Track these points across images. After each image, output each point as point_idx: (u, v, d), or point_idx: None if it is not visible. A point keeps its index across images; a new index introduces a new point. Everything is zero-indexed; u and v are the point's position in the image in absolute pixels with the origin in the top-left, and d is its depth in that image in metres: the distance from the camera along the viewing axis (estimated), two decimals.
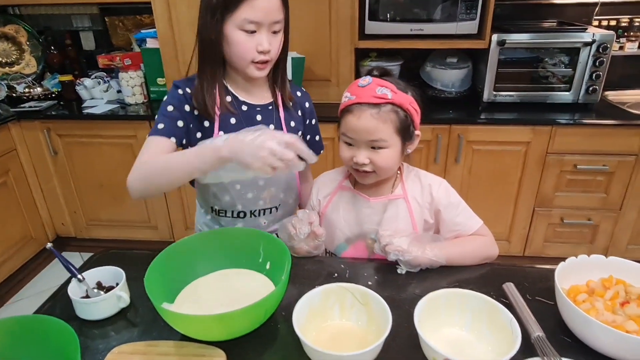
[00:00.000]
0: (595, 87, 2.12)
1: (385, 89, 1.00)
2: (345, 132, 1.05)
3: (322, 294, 0.85)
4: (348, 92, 1.06)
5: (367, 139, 1.02)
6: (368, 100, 1.00)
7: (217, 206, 1.18)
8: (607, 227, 2.25)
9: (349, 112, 1.03)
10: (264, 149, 0.82)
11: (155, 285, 0.83)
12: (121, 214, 2.57)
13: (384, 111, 1.01)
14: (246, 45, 0.98)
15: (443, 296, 0.83)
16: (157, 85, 2.45)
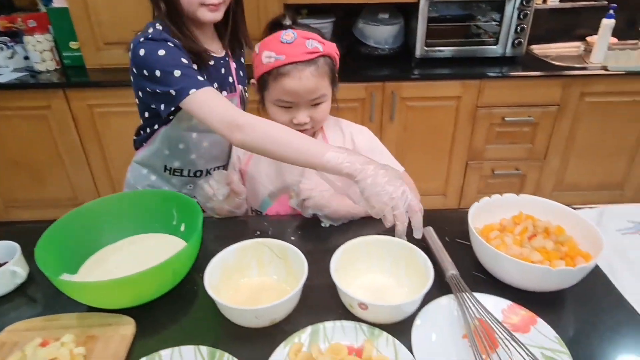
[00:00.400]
0: (521, 40, 2.17)
1: (314, 42, 0.95)
2: (280, 97, 0.98)
3: (237, 251, 0.81)
4: (270, 51, 0.95)
5: (309, 99, 0.98)
6: (302, 58, 0.93)
7: (175, 165, 1.12)
8: (533, 175, 2.37)
9: (283, 75, 0.95)
10: (394, 202, 0.77)
11: (51, 256, 0.75)
12: (43, 192, 2.38)
13: (320, 65, 0.96)
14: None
15: (361, 244, 0.82)
16: (71, 50, 2.24)
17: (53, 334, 0.71)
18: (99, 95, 2.12)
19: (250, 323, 0.71)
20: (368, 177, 0.78)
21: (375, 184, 0.77)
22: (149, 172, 1.16)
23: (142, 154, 1.14)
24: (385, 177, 0.78)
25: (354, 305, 0.71)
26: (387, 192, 0.76)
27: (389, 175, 0.78)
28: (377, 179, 0.77)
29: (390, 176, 0.78)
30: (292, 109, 1.00)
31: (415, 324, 0.70)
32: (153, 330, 0.74)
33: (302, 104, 0.99)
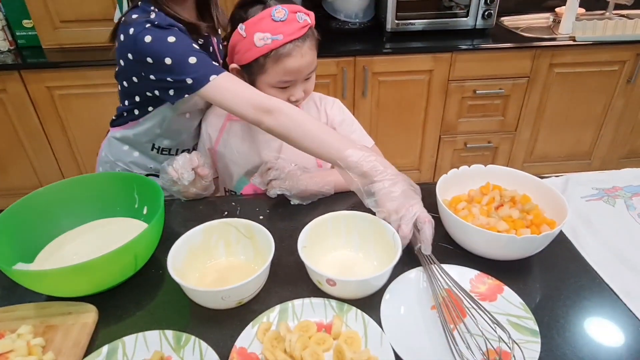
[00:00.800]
0: (490, 12, 2.16)
1: (302, 14, 0.92)
2: (281, 78, 0.94)
3: (202, 232, 0.78)
4: (263, 32, 0.90)
5: (307, 73, 0.97)
6: (299, 34, 0.91)
7: (164, 143, 1.10)
8: (505, 148, 2.40)
9: (284, 55, 0.91)
10: (402, 217, 0.76)
11: (3, 246, 0.71)
12: (6, 181, 2.28)
13: (312, 37, 0.95)
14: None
15: (329, 220, 0.81)
16: (25, 29, 2.12)
17: (9, 326, 0.68)
18: (58, 77, 2.02)
19: (217, 305, 0.70)
20: (386, 180, 0.79)
21: (391, 190, 0.78)
22: (131, 149, 1.11)
23: (125, 131, 1.08)
24: (404, 187, 0.79)
25: (322, 282, 0.70)
26: (400, 202, 0.77)
27: (406, 186, 0.79)
28: (394, 187, 0.78)
29: (408, 188, 0.79)
30: (289, 88, 0.97)
31: (385, 298, 0.70)
32: (117, 317, 0.72)
33: (299, 80, 0.97)
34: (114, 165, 1.13)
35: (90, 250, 0.80)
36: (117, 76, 1.02)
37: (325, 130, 0.87)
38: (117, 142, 1.11)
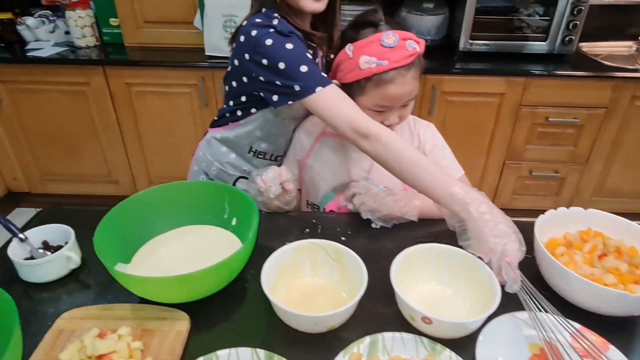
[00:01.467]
0: (572, 37, 2.07)
1: (412, 42, 0.92)
2: (379, 103, 0.95)
3: (292, 251, 0.79)
4: (371, 56, 0.91)
5: (405, 100, 0.96)
6: (404, 63, 0.91)
7: (262, 147, 1.12)
8: (573, 179, 2.29)
9: (387, 81, 0.92)
10: (503, 250, 0.73)
11: (107, 244, 0.75)
12: (78, 167, 2.41)
13: (417, 66, 0.94)
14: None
15: (419, 251, 0.80)
16: (110, 27, 2.23)
17: (109, 325, 0.70)
18: (137, 74, 2.11)
19: (308, 329, 0.70)
20: (487, 220, 0.76)
21: (491, 229, 0.75)
22: (229, 150, 1.14)
23: (226, 132, 1.12)
24: (505, 226, 0.75)
25: (416, 318, 0.68)
26: (499, 241, 0.74)
27: (508, 225, 0.76)
28: (495, 227, 0.75)
29: (509, 228, 0.75)
30: (385, 112, 0.98)
31: (479, 340, 0.68)
32: (207, 328, 0.73)
33: (397, 107, 0.97)
34: (210, 165, 1.16)
35: (183, 257, 0.83)
36: (226, 77, 1.06)
37: (422, 165, 0.84)
38: (216, 142, 1.14)
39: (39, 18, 2.31)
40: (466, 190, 0.79)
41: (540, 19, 2.07)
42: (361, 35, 0.95)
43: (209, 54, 2.08)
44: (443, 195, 0.80)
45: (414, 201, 0.96)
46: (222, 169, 1.16)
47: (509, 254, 0.72)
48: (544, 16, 2.06)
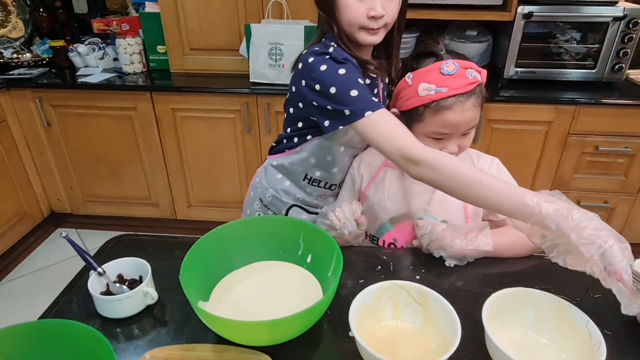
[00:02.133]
0: (622, 65, 2.03)
1: (473, 71, 0.91)
2: (438, 130, 0.94)
3: (375, 292, 0.76)
4: (430, 83, 0.91)
5: (465, 129, 0.94)
6: (464, 90, 0.90)
7: (316, 175, 1.12)
8: (623, 210, 2.21)
9: (445, 108, 0.91)
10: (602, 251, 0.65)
11: (190, 281, 0.73)
12: (120, 190, 2.45)
13: (477, 94, 0.93)
14: (356, 10, 0.90)
15: (506, 296, 0.76)
16: (157, 54, 2.29)
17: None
18: (182, 100, 2.15)
19: None
20: (569, 230, 0.68)
21: (572, 243, 0.67)
22: (284, 177, 1.15)
23: (282, 159, 1.12)
24: (588, 230, 0.67)
25: None
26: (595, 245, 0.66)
27: (591, 230, 0.67)
28: (583, 230, 0.66)
29: (593, 233, 0.66)
30: (443, 140, 0.96)
31: None
32: None
33: (456, 135, 0.95)
34: (265, 191, 1.17)
35: (261, 295, 0.81)
36: (286, 104, 1.08)
37: (484, 182, 0.76)
38: (272, 169, 1.15)
39: (89, 45, 2.40)
40: (540, 197, 0.72)
41: (588, 46, 2.04)
42: (422, 65, 0.95)
43: (253, 80, 2.11)
44: (515, 209, 0.73)
45: (484, 239, 0.93)
46: (277, 195, 1.16)
47: (613, 262, 0.64)
48: (592, 43, 2.02)
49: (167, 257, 0.95)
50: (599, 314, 0.77)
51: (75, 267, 0.94)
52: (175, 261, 0.93)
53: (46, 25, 2.51)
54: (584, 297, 0.86)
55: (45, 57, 2.40)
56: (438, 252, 0.94)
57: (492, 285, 0.88)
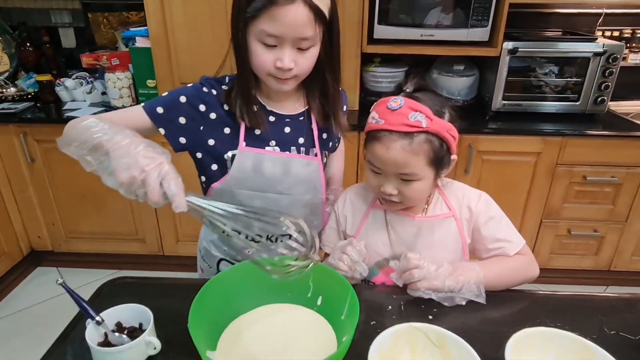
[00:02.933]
0: (604, 98, 2.11)
1: (419, 115, 0.86)
2: (371, 160, 0.94)
3: (392, 336, 0.73)
4: (376, 112, 0.92)
5: (396, 172, 0.91)
6: (398, 129, 0.87)
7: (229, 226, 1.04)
8: (612, 238, 2.24)
9: (376, 139, 0.90)
10: (141, 172, 0.65)
11: (198, 329, 0.69)
12: (105, 225, 2.37)
13: (417, 142, 0.87)
14: (263, 58, 0.86)
15: (528, 336, 0.74)
16: (147, 88, 2.27)
17: None
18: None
19: None
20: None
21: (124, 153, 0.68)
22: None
23: None
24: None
25: None
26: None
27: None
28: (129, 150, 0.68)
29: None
30: (381, 176, 0.94)
31: None
32: None
33: (389, 174, 0.93)
34: (201, 242, 1.14)
35: (271, 342, 0.77)
36: None
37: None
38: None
39: (76, 80, 2.37)
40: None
41: (572, 79, 2.11)
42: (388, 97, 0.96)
43: None
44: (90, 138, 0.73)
45: (472, 267, 0.92)
46: (207, 247, 1.12)
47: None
48: (575, 77, 2.09)
49: (168, 301, 0.90)
50: (617, 351, 0.75)
51: (57, 308, 0.89)
52: (177, 305, 0.89)
53: (32, 59, 2.48)
54: (600, 334, 0.84)
55: (30, 92, 2.36)
56: (419, 293, 0.89)
57: (505, 324, 0.85)
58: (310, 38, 0.84)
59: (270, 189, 0.99)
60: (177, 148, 0.95)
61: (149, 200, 0.67)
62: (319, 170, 1.04)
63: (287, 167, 0.99)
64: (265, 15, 0.81)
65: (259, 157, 0.97)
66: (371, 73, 2.29)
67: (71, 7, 2.41)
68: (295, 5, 0.79)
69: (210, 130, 0.95)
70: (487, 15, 2.01)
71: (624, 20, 2.36)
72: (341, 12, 2.15)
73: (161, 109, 0.91)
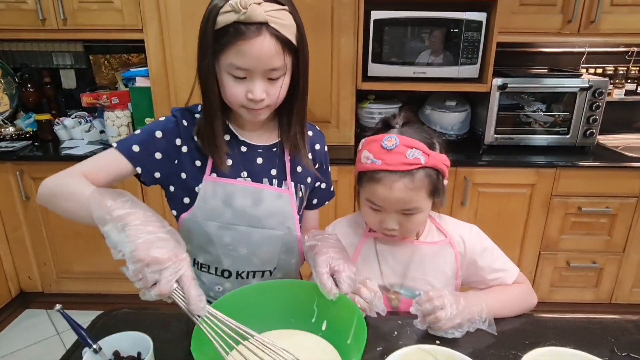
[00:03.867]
0: (593, 131, 2.16)
1: (416, 152, 0.88)
2: (371, 199, 0.94)
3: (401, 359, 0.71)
4: (370, 152, 0.92)
5: (400, 208, 0.92)
6: (398, 168, 0.88)
7: (200, 259, 1.01)
8: (611, 269, 2.23)
9: (375, 180, 0.91)
10: (168, 259, 0.64)
11: (200, 354, 0.67)
12: (98, 265, 2.32)
13: (418, 178, 0.89)
14: (234, 90, 0.85)
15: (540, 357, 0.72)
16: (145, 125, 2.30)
17: None
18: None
19: None
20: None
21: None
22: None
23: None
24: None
25: None
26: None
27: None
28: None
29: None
30: (381, 213, 0.94)
31: None
32: None
33: (391, 211, 0.93)
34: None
35: None
36: None
37: (84, 194, 0.76)
38: None
39: (75, 119, 2.40)
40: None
41: (553, 114, 2.17)
42: (375, 133, 0.95)
43: None
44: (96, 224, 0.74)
45: (479, 297, 0.91)
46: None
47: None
48: (564, 112, 2.16)
49: (167, 332, 0.88)
50: None
51: (46, 352, 0.85)
52: (176, 335, 0.87)
53: (32, 100, 2.51)
54: (611, 355, 0.82)
55: (29, 131, 2.38)
56: (452, 333, 0.85)
57: (516, 347, 0.84)
58: (280, 68, 0.83)
59: (240, 221, 0.96)
60: (149, 182, 0.93)
61: (155, 288, 0.65)
62: (291, 203, 0.99)
63: (258, 198, 0.95)
64: (232, 49, 0.80)
65: (229, 188, 0.93)
66: (366, 109, 2.35)
67: (73, 49, 2.48)
68: (261, 38, 0.79)
69: (183, 163, 0.93)
70: (476, 54, 2.10)
71: (606, 59, 2.47)
72: (337, 51, 2.24)
73: (137, 147, 0.89)
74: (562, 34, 2.11)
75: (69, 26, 2.15)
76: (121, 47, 2.50)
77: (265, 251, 1.00)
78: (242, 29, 0.78)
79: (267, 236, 0.98)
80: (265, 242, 0.98)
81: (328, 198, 1.13)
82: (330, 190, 1.13)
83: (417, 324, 0.86)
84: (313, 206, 1.11)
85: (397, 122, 0.95)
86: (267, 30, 0.79)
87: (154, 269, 0.63)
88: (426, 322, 0.85)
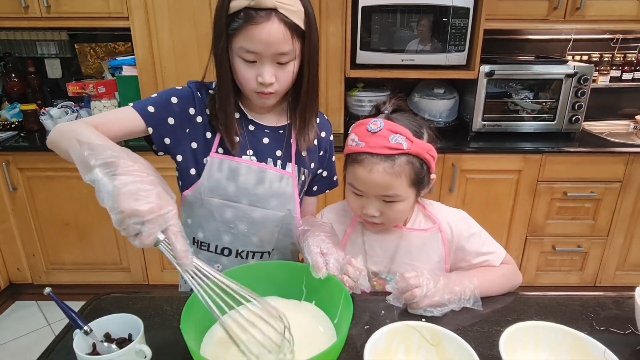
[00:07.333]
0: (578, 117, 2.20)
1: (399, 137, 0.88)
2: (352, 183, 0.95)
3: (386, 335, 0.73)
4: (355, 134, 0.93)
5: (379, 194, 0.92)
6: (380, 151, 0.88)
7: (199, 236, 1.04)
8: (596, 253, 2.28)
9: (357, 162, 0.91)
10: (149, 212, 0.62)
11: (190, 333, 0.68)
12: (88, 255, 2.31)
13: (399, 164, 0.89)
14: (245, 74, 0.89)
15: (521, 331, 0.74)
16: None
17: None
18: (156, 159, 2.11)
19: None
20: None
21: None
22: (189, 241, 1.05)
23: (182, 214, 1.07)
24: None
25: None
26: None
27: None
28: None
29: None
30: (362, 198, 0.95)
31: None
32: None
33: (371, 196, 0.94)
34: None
35: None
36: None
37: (80, 141, 0.73)
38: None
39: (62, 109, 2.37)
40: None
41: (540, 101, 2.20)
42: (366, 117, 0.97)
43: None
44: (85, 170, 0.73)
45: (464, 276, 0.93)
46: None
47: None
48: (550, 97, 2.19)
49: (157, 314, 0.89)
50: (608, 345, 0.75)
51: (36, 343, 0.85)
52: (166, 317, 0.88)
53: (17, 90, 2.48)
54: (591, 330, 0.85)
55: (14, 121, 2.35)
56: (430, 311, 0.87)
57: (499, 323, 0.86)
58: (288, 53, 0.86)
59: (242, 199, 0.98)
60: (159, 149, 0.96)
61: (138, 239, 0.63)
62: (293, 186, 1.02)
63: (261, 177, 0.98)
64: (243, 33, 0.84)
65: (233, 165, 0.97)
66: (355, 97, 2.35)
67: (58, 38, 2.44)
68: (270, 23, 0.82)
69: (195, 133, 0.96)
70: (463, 41, 2.11)
71: (592, 46, 2.50)
72: (325, 39, 2.23)
73: (152, 107, 0.91)
74: (548, 20, 2.13)
75: (53, 14, 2.12)
76: (107, 35, 2.47)
77: (265, 231, 1.03)
78: (252, 14, 0.82)
79: (267, 216, 1.01)
80: (266, 221, 1.02)
81: (329, 187, 1.16)
82: (333, 180, 1.16)
83: (389, 299, 0.90)
84: (313, 193, 1.14)
85: (386, 109, 0.96)
86: (276, 16, 0.83)
87: (135, 220, 0.62)
88: (402, 299, 0.88)
